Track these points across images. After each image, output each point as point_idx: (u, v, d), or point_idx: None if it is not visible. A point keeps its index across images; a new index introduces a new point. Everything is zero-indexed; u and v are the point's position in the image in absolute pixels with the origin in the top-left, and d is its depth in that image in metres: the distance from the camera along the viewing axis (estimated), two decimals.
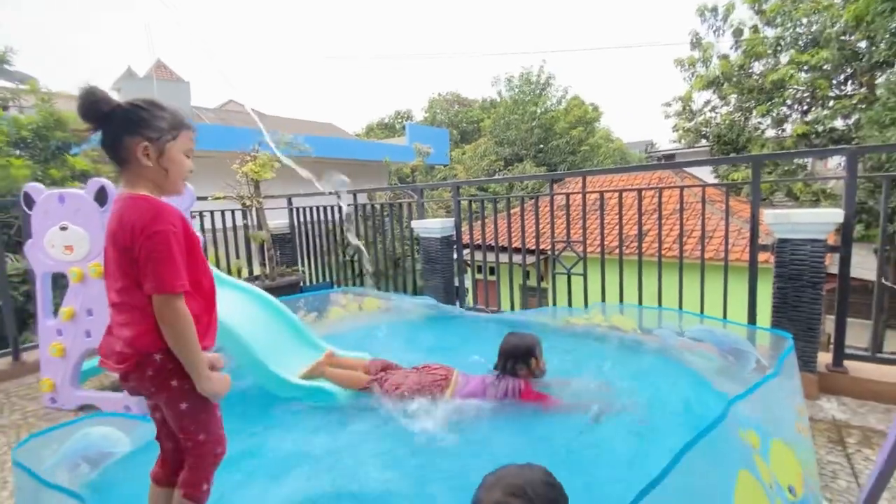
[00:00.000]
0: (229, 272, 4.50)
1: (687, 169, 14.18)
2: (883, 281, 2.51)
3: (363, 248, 2.69)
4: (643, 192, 3.06)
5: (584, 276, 3.18)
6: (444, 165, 19.31)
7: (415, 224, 3.89)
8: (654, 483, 0.83)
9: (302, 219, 5.14)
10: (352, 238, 2.52)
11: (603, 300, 3.09)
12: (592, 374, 2.45)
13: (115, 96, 1.17)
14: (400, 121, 32.81)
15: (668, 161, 23.79)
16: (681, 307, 2.98)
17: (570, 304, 3.27)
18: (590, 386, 2.31)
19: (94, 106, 1.12)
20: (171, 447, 1.31)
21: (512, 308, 3.78)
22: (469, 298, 3.89)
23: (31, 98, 5.55)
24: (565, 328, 2.96)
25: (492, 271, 3.76)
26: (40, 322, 2.57)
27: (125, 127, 1.15)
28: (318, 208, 4.99)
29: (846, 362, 2.45)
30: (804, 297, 2.36)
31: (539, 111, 20.45)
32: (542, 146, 20.41)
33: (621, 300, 3.03)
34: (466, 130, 26.76)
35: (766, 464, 1.17)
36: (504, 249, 3.73)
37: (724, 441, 1.06)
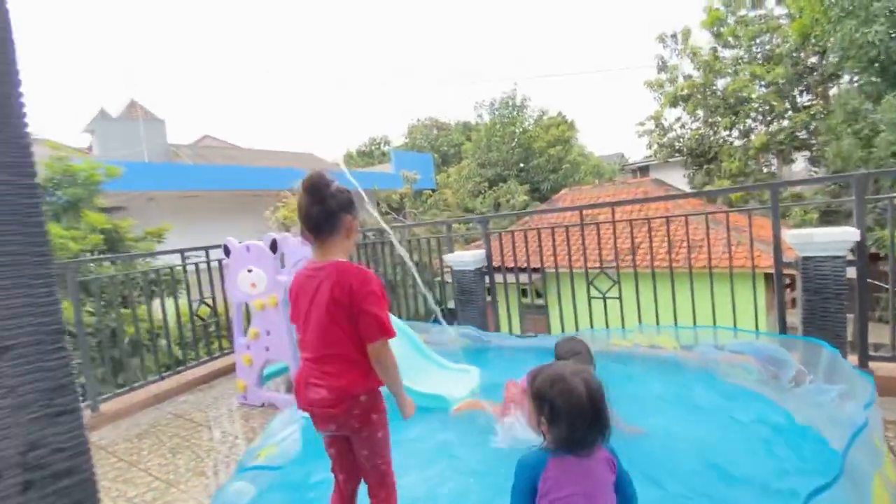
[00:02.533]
0: None
1: (662, 178, 14.91)
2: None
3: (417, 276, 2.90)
4: (646, 214, 3.33)
5: (620, 298, 3.42)
6: (432, 190, 19.64)
7: (448, 258, 4.07)
8: (828, 485, 1.01)
9: None
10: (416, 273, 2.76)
11: (640, 321, 3.32)
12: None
13: (91, 139, 1.37)
14: (377, 147, 33.21)
15: (644, 173, 24.74)
16: (694, 318, 3.25)
17: (606, 326, 3.48)
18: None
19: (319, 187, 1.37)
20: (344, 478, 1.50)
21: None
22: (508, 325, 4.07)
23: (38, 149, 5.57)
24: (611, 350, 3.17)
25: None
26: (235, 339, 3.38)
27: (344, 206, 1.41)
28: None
29: (870, 363, 2.72)
30: (830, 308, 2.64)
31: (518, 131, 21.14)
32: (523, 165, 21.02)
33: (657, 321, 3.26)
34: (447, 154, 27.30)
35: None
36: (536, 271, 3.93)
37: (865, 445, 1.24)
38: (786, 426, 2.21)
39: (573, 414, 1.18)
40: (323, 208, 1.38)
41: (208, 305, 4.05)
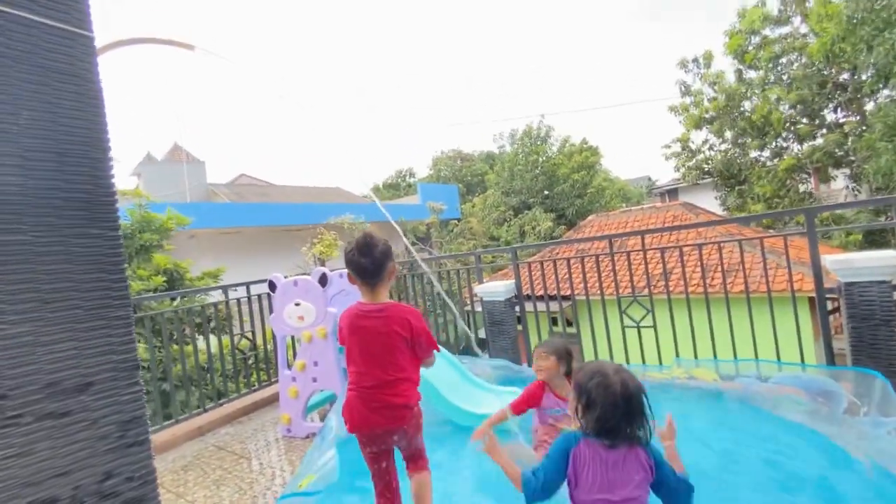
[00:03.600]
0: None
1: (691, 201, 14.65)
2: None
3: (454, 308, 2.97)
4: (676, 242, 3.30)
5: (654, 327, 3.36)
6: (458, 220, 19.87)
7: (478, 289, 4.12)
8: None
9: None
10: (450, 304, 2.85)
11: (676, 351, 3.25)
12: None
13: (138, 181, 1.55)
14: (403, 179, 34.04)
15: (673, 196, 24.30)
16: (734, 346, 3.14)
17: (643, 358, 3.42)
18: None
19: (370, 245, 1.71)
20: (385, 486, 1.80)
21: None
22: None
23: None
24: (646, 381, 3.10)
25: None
26: (280, 371, 3.42)
27: (388, 256, 1.75)
28: None
29: None
30: (880, 335, 2.53)
31: (541, 159, 21.32)
32: (547, 192, 21.07)
33: (695, 353, 3.18)
34: (471, 183, 27.68)
35: None
36: (566, 298, 3.91)
37: None
38: (841, 460, 2.11)
39: (606, 404, 1.34)
40: (372, 261, 1.71)
41: (248, 339, 4.21)
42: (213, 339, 4.15)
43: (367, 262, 1.70)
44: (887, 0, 9.18)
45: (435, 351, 1.81)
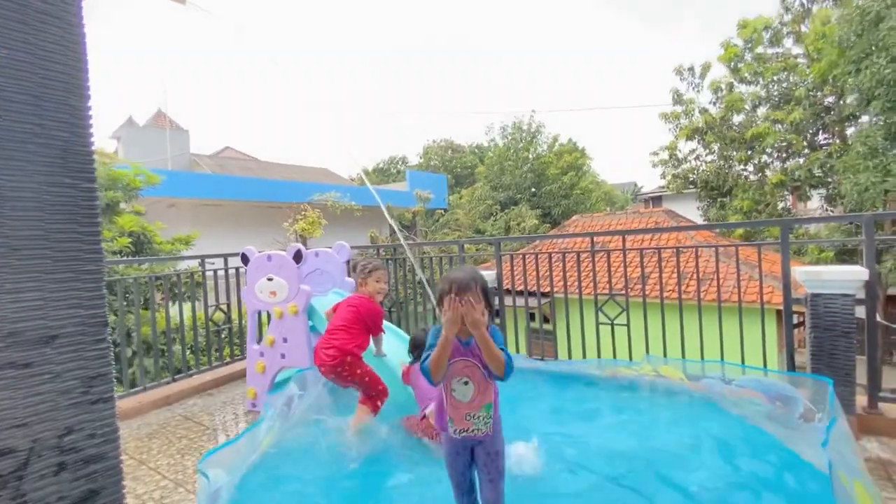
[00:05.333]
0: None
1: (675, 209, 14.96)
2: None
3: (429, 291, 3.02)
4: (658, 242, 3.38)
5: (628, 325, 3.44)
6: (444, 210, 19.84)
7: None
8: None
9: None
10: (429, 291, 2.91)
11: (647, 350, 3.33)
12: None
13: (117, 145, 1.52)
14: (393, 165, 33.76)
15: (657, 203, 24.70)
16: (702, 351, 3.25)
17: (614, 354, 3.50)
18: None
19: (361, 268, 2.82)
20: None
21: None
22: (515, 347, 4.11)
23: None
24: (615, 378, 3.18)
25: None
26: (249, 346, 3.41)
27: (360, 273, 2.86)
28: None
29: (880, 404, 2.70)
30: (839, 346, 2.63)
31: (531, 157, 21.39)
32: (535, 190, 21.20)
33: (665, 353, 3.27)
34: (461, 175, 27.63)
35: None
36: (532, 294, 3.96)
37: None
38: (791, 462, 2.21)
39: (444, 290, 1.71)
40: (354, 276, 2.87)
41: (223, 311, 4.15)
42: (187, 309, 4.07)
43: (356, 275, 3.00)
44: (876, 22, 9.43)
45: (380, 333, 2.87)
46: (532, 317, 4.04)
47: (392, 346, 3.24)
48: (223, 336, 4.32)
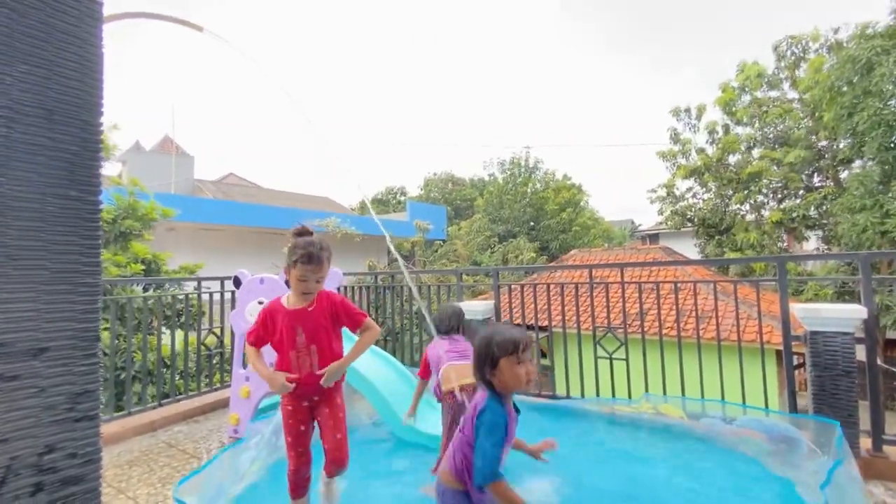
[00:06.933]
0: None
1: (672, 247, 15.08)
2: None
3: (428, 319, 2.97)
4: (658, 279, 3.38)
5: (627, 360, 3.39)
6: (443, 241, 19.94)
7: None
8: None
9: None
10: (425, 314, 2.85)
11: (646, 387, 3.27)
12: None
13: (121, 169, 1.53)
14: (394, 197, 34.18)
15: (654, 241, 24.87)
16: (702, 389, 3.18)
17: (613, 391, 3.43)
18: None
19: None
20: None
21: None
22: None
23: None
24: (614, 415, 3.11)
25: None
26: (234, 369, 3.32)
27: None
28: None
29: (885, 447, 2.63)
30: (841, 385, 2.59)
31: (529, 191, 21.71)
32: (533, 224, 21.38)
33: (664, 390, 3.21)
34: (460, 207, 27.94)
35: None
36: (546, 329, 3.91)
37: None
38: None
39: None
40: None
41: (216, 335, 4.10)
42: (180, 333, 4.02)
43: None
44: (868, 69, 9.80)
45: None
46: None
47: (386, 375, 3.18)
48: (214, 361, 4.25)
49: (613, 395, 3.39)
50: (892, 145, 9.79)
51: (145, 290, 5.17)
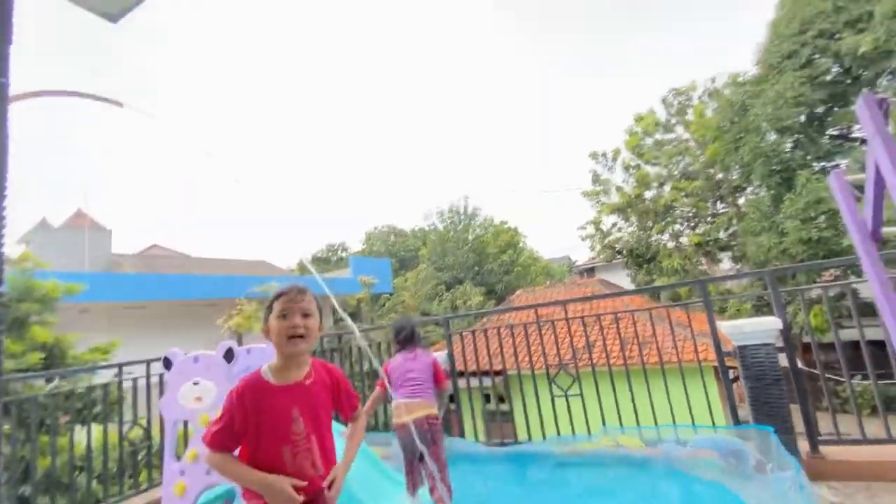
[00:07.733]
0: None
1: (608, 279, 15.97)
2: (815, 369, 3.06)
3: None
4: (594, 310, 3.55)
5: (581, 396, 3.44)
6: (390, 294, 19.68)
7: None
8: None
9: None
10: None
11: (603, 420, 3.32)
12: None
13: (25, 249, 1.45)
14: (334, 253, 33.61)
15: (591, 274, 26.17)
16: (654, 413, 3.30)
17: (572, 428, 3.44)
18: None
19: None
20: None
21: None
22: (473, 432, 3.92)
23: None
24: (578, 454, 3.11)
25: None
26: (166, 464, 2.90)
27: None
28: None
29: (821, 448, 2.82)
30: (772, 393, 2.80)
31: (471, 237, 22.36)
32: (477, 269, 21.84)
33: (620, 421, 3.27)
34: (405, 258, 27.98)
35: None
36: (499, 374, 3.91)
37: None
38: None
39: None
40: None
41: (143, 427, 3.65)
42: (97, 428, 3.53)
43: None
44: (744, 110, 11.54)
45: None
46: (487, 398, 3.93)
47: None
48: (140, 457, 3.75)
49: (573, 433, 3.40)
50: (772, 173, 11.39)
51: (48, 381, 4.54)
